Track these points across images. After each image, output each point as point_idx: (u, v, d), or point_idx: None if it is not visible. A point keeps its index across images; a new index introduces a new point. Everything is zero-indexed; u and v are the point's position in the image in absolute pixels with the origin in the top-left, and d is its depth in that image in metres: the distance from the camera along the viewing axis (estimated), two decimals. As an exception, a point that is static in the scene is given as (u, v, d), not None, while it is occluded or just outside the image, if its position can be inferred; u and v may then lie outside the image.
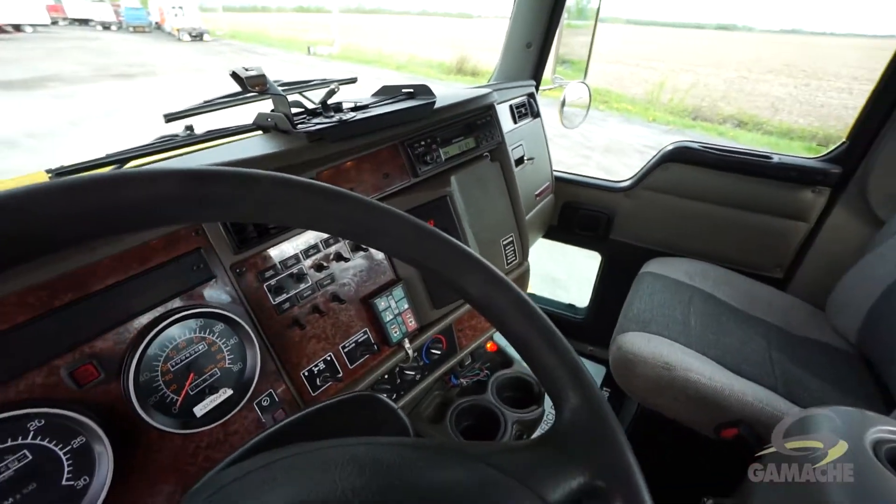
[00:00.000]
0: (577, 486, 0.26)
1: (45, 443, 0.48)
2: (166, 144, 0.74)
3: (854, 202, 1.29)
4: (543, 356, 0.30)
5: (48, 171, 0.66)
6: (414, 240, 0.31)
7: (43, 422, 0.48)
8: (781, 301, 1.29)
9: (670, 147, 1.48)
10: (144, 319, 0.56)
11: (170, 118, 0.76)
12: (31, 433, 0.48)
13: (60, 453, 0.49)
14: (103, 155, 0.71)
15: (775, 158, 1.36)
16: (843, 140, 1.30)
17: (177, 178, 0.24)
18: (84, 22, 27.72)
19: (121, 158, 0.69)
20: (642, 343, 1.04)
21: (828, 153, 1.34)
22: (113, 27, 27.14)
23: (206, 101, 0.81)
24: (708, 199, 1.46)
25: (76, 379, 0.51)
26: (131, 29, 25.79)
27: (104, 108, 7.57)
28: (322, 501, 0.23)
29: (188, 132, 0.79)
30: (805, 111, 9.95)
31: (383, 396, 0.50)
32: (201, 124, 0.81)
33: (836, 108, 9.83)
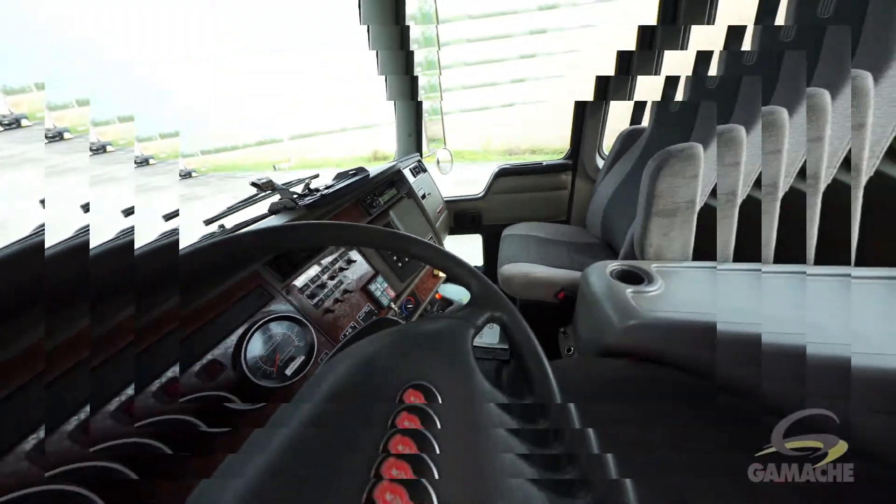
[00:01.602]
0: (486, 318, 0.34)
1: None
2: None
3: (583, 174, 1.70)
4: (453, 270, 0.39)
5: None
6: (396, 240, 0.40)
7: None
8: (568, 230, 1.63)
9: (497, 169, 1.80)
10: (241, 330, 0.58)
11: (209, 221, 0.77)
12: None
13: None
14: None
15: (544, 163, 1.74)
16: (569, 147, 1.73)
17: (270, 232, 0.37)
18: None
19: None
20: (512, 268, 1.27)
21: (565, 155, 1.75)
22: None
23: (229, 207, 0.82)
24: (522, 190, 1.78)
25: (208, 373, 0.52)
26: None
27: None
28: (368, 344, 0.30)
29: (222, 229, 0.78)
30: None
31: (388, 316, 0.62)
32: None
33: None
